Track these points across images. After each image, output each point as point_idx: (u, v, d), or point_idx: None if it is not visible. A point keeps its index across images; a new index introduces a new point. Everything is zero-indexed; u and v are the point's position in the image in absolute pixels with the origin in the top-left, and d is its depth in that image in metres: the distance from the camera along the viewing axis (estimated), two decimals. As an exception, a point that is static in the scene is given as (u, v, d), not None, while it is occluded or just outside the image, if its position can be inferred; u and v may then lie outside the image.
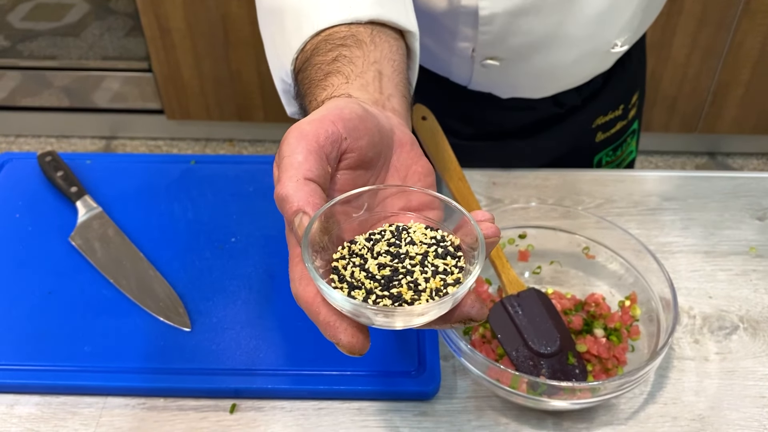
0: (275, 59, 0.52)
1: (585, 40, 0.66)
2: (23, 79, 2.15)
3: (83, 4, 2.06)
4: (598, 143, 0.83)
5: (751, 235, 0.70)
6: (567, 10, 0.63)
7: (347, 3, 0.47)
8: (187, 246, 0.67)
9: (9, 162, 0.77)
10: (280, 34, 0.50)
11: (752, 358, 0.59)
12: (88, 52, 2.09)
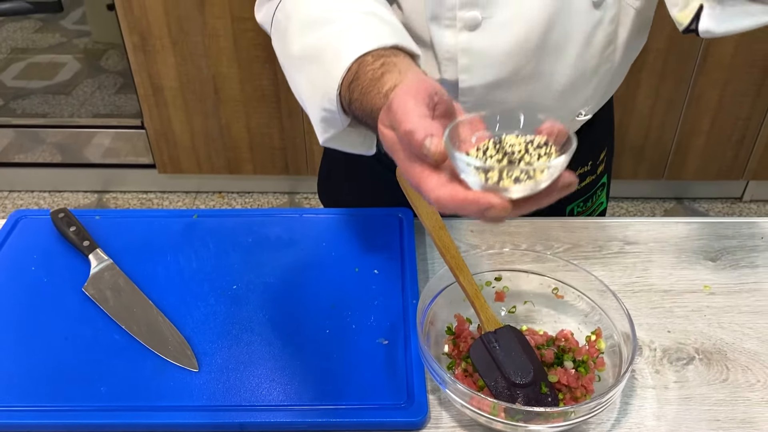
0: (314, 92, 0.61)
1: (552, 110, 0.74)
2: (16, 136, 2.22)
3: (74, 63, 2.14)
4: (569, 194, 0.91)
5: (704, 275, 0.78)
6: (535, 84, 0.71)
7: (374, 34, 0.58)
8: (192, 293, 0.73)
9: (23, 219, 0.83)
10: (320, 69, 0.60)
11: (707, 386, 0.66)
12: (79, 109, 2.17)
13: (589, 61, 0.73)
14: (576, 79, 0.72)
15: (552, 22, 0.67)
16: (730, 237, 0.83)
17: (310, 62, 0.62)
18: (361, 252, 0.78)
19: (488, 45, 0.68)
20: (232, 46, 1.86)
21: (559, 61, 0.70)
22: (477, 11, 0.66)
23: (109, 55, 2.09)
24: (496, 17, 0.67)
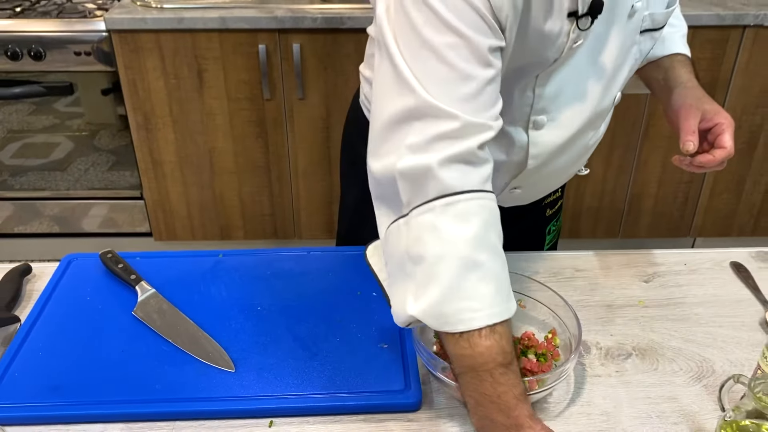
0: (434, 300, 0.69)
1: (566, 173, 1.00)
2: (15, 209, 2.35)
3: (68, 143, 2.30)
4: (546, 217, 1.14)
5: (639, 293, 0.96)
6: (571, 156, 0.94)
7: (507, 301, 0.71)
8: (223, 314, 0.88)
9: (74, 261, 0.99)
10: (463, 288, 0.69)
11: (642, 374, 0.83)
12: (75, 184, 2.32)
13: (595, 138, 0.97)
14: (586, 149, 0.97)
15: (589, 121, 0.90)
16: (660, 264, 1.02)
17: (459, 272, 0.69)
18: (361, 279, 0.94)
19: (549, 138, 0.90)
20: (228, 123, 2.06)
21: (582, 142, 0.94)
22: (544, 116, 0.88)
23: (101, 135, 2.26)
24: (556, 120, 0.88)
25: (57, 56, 1.98)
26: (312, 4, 2.00)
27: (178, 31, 1.91)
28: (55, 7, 2.08)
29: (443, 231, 0.69)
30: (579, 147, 0.95)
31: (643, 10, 0.84)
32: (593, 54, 0.84)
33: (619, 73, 0.89)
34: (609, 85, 0.88)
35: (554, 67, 0.82)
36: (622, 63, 0.88)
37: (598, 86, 0.87)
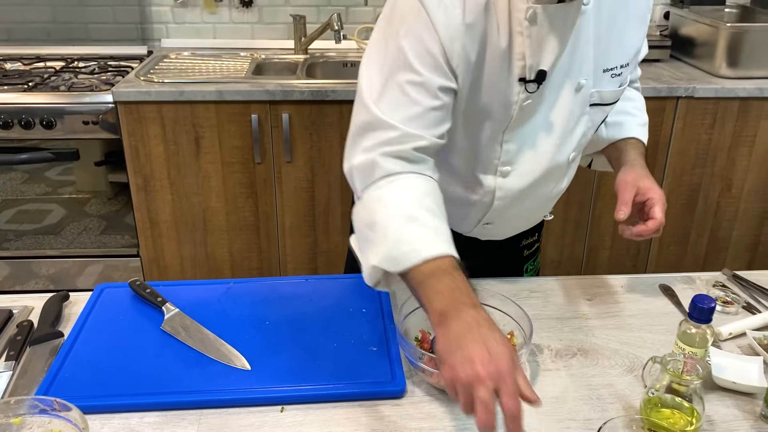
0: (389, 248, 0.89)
1: (533, 216, 1.21)
2: (11, 269, 2.48)
3: (60, 210, 2.47)
4: (524, 257, 1.35)
5: (584, 309, 1.15)
6: (534, 201, 1.16)
7: (440, 242, 0.89)
8: (237, 327, 1.05)
9: (105, 289, 1.15)
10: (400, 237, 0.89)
11: (584, 368, 1.01)
12: (69, 246, 2.46)
13: (557, 189, 1.18)
14: (550, 198, 1.19)
15: (547, 172, 1.11)
16: (601, 287, 1.22)
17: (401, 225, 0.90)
18: (353, 299, 1.12)
19: (512, 184, 1.11)
20: (221, 185, 2.26)
21: (543, 191, 1.15)
22: (509, 167, 1.09)
23: (93, 203, 2.43)
24: (518, 170, 1.10)
25: (66, 125, 2.17)
26: (299, 80, 2.25)
27: (179, 103, 2.13)
28: (64, 82, 2.29)
29: (387, 200, 0.93)
30: (541, 195, 1.17)
31: (589, 87, 1.06)
32: (546, 118, 1.06)
33: (571, 136, 1.10)
34: (562, 144, 1.10)
35: (514, 125, 1.04)
36: (574, 128, 1.09)
37: (552, 145, 1.09)
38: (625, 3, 1.04)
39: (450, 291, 0.84)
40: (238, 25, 2.67)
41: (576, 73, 1.03)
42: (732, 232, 2.47)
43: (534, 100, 1.02)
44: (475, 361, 0.76)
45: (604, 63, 1.05)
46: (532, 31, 0.94)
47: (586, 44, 1.02)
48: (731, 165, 2.36)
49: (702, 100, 2.25)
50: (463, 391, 0.76)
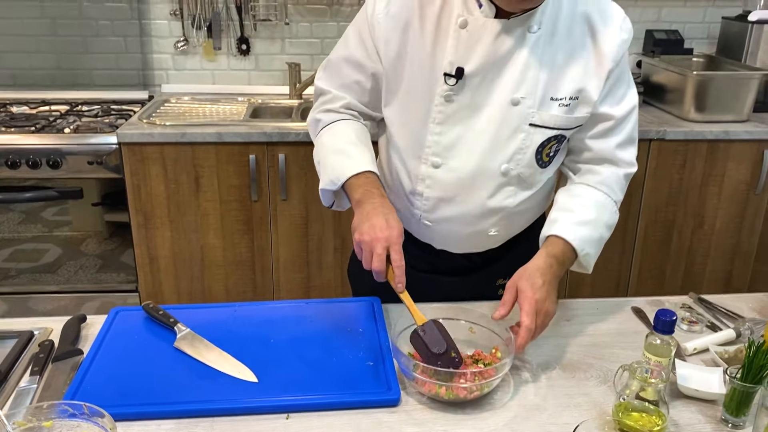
0: (331, 172, 1.21)
1: (471, 225, 1.26)
2: (8, 306, 2.53)
3: (56, 249, 2.55)
4: (500, 296, 1.39)
5: (563, 329, 1.25)
6: (464, 206, 1.23)
7: (365, 160, 1.19)
8: (244, 345, 1.14)
9: (120, 312, 1.24)
10: (338, 162, 1.22)
11: (563, 380, 1.10)
12: (65, 284, 2.53)
13: (494, 202, 1.24)
14: (486, 209, 1.24)
15: (474, 176, 1.21)
16: (578, 309, 1.33)
17: (334, 157, 1.24)
18: (350, 320, 1.22)
19: (443, 176, 1.22)
20: (219, 222, 2.36)
21: (476, 197, 1.23)
22: (440, 159, 1.21)
23: (89, 242, 2.52)
24: (448, 164, 1.21)
25: (71, 165, 2.27)
26: (294, 122, 2.38)
27: (180, 144, 2.25)
28: (68, 124, 2.40)
29: (325, 142, 1.27)
30: (474, 201, 1.23)
31: (529, 106, 1.16)
32: (477, 121, 1.18)
33: (505, 146, 1.19)
34: (492, 150, 1.19)
35: (442, 118, 1.19)
36: (507, 139, 1.18)
37: (481, 148, 1.19)
38: (582, 43, 1.16)
39: (365, 186, 1.17)
40: (235, 71, 2.81)
41: (514, 86, 1.15)
42: (706, 267, 2.60)
43: (460, 97, 1.17)
44: (375, 228, 1.09)
45: (554, 92, 1.16)
46: (460, 34, 1.14)
47: (530, 66, 1.14)
48: (702, 203, 2.50)
49: (673, 142, 2.41)
50: (366, 248, 1.09)
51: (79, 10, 2.70)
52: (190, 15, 2.71)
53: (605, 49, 1.17)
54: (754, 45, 2.65)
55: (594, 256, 1.23)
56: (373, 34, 1.20)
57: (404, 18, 1.17)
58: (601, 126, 1.22)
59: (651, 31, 2.86)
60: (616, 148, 1.24)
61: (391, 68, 1.21)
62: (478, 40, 1.13)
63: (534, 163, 1.22)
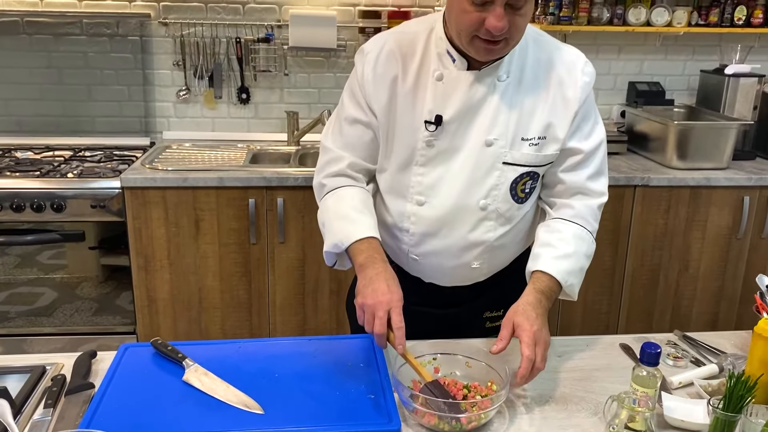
0: (336, 236, 1.30)
1: (455, 258, 1.34)
2: (3, 348, 2.54)
3: (51, 293, 2.58)
4: (487, 329, 1.47)
5: (555, 364, 1.31)
6: (448, 240, 1.32)
7: (368, 227, 1.27)
8: (250, 379, 1.18)
9: (129, 348, 1.28)
10: (343, 228, 1.29)
11: (556, 412, 1.16)
12: (62, 325, 2.55)
13: (475, 236, 1.33)
14: (468, 242, 1.33)
15: (454, 212, 1.31)
16: (569, 345, 1.38)
17: (339, 222, 1.32)
18: (352, 355, 1.27)
19: (426, 213, 1.32)
20: (218, 264, 2.41)
21: (458, 232, 1.32)
22: (423, 197, 1.31)
23: (84, 286, 2.55)
24: (431, 202, 1.31)
25: (74, 208, 2.33)
26: (293, 168, 2.46)
27: (182, 188, 2.32)
28: (72, 169, 2.47)
29: (330, 207, 1.35)
30: (457, 235, 1.32)
31: (501, 146, 1.28)
32: (455, 162, 1.30)
33: (482, 183, 1.30)
34: (470, 187, 1.30)
35: (424, 161, 1.30)
36: (484, 176, 1.29)
37: (460, 185, 1.30)
38: (547, 88, 1.28)
39: (368, 252, 1.25)
40: (235, 119, 2.91)
41: (487, 129, 1.27)
42: (692, 309, 2.66)
43: (440, 142, 1.28)
44: (378, 292, 1.17)
45: (524, 132, 1.28)
46: (437, 86, 1.27)
47: (501, 110, 1.26)
48: (687, 247, 2.59)
49: (657, 188, 2.51)
50: (368, 311, 1.16)
51: (85, 60, 2.80)
52: (192, 65, 2.82)
53: (570, 93, 1.28)
54: (731, 96, 2.79)
55: (578, 285, 1.33)
56: (364, 92, 1.31)
57: (390, 75, 1.30)
58: (572, 160, 1.32)
59: (634, 83, 3.00)
60: (587, 180, 1.33)
61: (384, 120, 1.31)
62: (453, 91, 1.26)
63: (509, 198, 1.32)
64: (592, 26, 2.80)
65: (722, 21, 2.85)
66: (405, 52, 1.29)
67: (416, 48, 1.29)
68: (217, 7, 2.78)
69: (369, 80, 1.30)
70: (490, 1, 1.13)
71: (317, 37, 2.73)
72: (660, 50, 3.03)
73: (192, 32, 2.78)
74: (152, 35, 2.79)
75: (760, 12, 2.82)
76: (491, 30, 1.14)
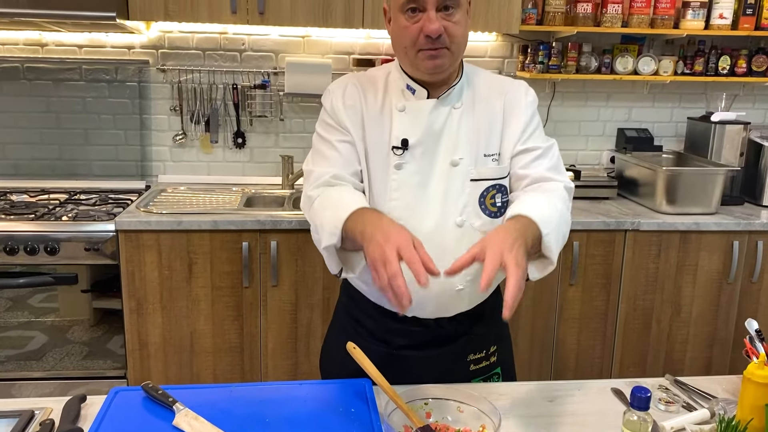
0: (329, 224, 1.24)
1: (438, 283, 1.29)
2: (-6, 393, 2.51)
3: (42, 336, 2.56)
4: (471, 371, 1.47)
5: (546, 408, 1.31)
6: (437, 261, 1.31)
7: (357, 202, 1.25)
8: (240, 424, 1.18)
9: (119, 392, 1.28)
10: (333, 213, 1.25)
11: (548, 457, 1.15)
12: (51, 369, 2.53)
13: (457, 255, 1.21)
14: (448, 265, 1.28)
15: (433, 232, 1.34)
16: (560, 390, 1.38)
17: (326, 208, 1.29)
18: (343, 401, 1.27)
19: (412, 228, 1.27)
20: (210, 308, 2.40)
21: (440, 252, 1.29)
22: (402, 222, 1.27)
23: (75, 330, 2.54)
24: (409, 224, 1.26)
25: (68, 251, 2.34)
26: (286, 211, 2.48)
27: (176, 231, 2.33)
28: (67, 212, 2.48)
29: (317, 207, 1.32)
30: (441, 256, 1.25)
31: (467, 164, 1.37)
32: (426, 185, 1.37)
33: (455, 202, 1.36)
34: (444, 207, 1.36)
35: (397, 185, 1.35)
36: (456, 197, 1.36)
37: (434, 207, 1.36)
38: (499, 108, 1.41)
39: (368, 214, 1.21)
40: (231, 163, 2.94)
41: (451, 151, 1.37)
42: (686, 354, 2.66)
43: (409, 165, 1.36)
44: (390, 232, 1.12)
45: (485, 149, 1.39)
46: (402, 116, 1.38)
47: (461, 132, 1.37)
48: (678, 291, 2.60)
49: (647, 232, 2.53)
50: (385, 259, 1.07)
51: (83, 104, 2.85)
52: (189, 110, 2.87)
53: (518, 110, 1.41)
54: (717, 143, 2.85)
55: (554, 242, 1.24)
56: (337, 119, 1.40)
57: (358, 107, 1.41)
58: (530, 155, 1.41)
59: (622, 129, 3.06)
60: (548, 171, 1.40)
61: (360, 144, 1.40)
62: (415, 118, 1.38)
63: (481, 213, 1.39)
64: (581, 74, 2.88)
65: (707, 70, 2.93)
66: (366, 90, 1.42)
67: (377, 86, 1.42)
68: (215, 54, 2.84)
69: (340, 109, 1.40)
70: (422, 9, 1.28)
71: (312, 84, 2.79)
72: (647, 98, 3.11)
73: (190, 78, 2.84)
74: (150, 81, 2.85)
75: (743, 62, 2.90)
76: (429, 33, 1.27)
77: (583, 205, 2.68)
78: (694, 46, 2.95)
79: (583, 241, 2.51)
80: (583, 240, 2.51)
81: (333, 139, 1.40)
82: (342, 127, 1.40)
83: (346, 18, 2.50)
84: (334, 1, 2.48)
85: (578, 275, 2.54)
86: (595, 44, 2.91)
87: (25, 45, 2.80)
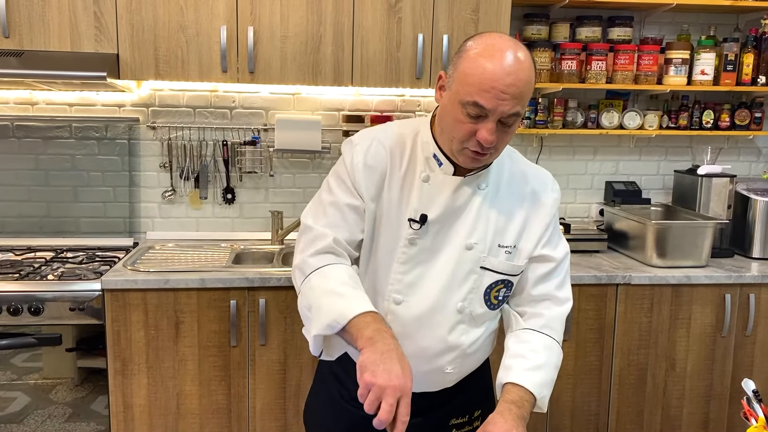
0: (327, 316, 1.16)
1: (429, 363, 1.32)
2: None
3: (24, 397, 2.49)
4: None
5: None
6: (423, 342, 1.30)
7: (366, 302, 1.18)
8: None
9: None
10: (335, 305, 1.18)
11: None
12: (31, 435, 2.45)
13: (452, 339, 1.32)
14: (444, 346, 1.32)
15: (431, 312, 1.30)
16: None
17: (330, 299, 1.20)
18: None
19: (403, 313, 1.31)
20: (197, 368, 2.35)
21: (435, 333, 1.31)
22: (401, 296, 1.30)
23: (59, 390, 2.47)
24: (408, 301, 1.31)
25: (53, 311, 2.29)
26: (275, 267, 2.46)
27: (163, 290, 2.30)
28: (52, 271, 2.45)
29: (316, 286, 1.24)
30: (433, 337, 1.32)
31: (481, 251, 1.32)
32: (435, 263, 1.31)
33: (460, 286, 1.32)
34: (449, 289, 1.32)
35: (405, 258, 1.30)
36: (463, 280, 1.32)
37: (439, 287, 1.32)
38: (522, 199, 1.35)
39: (375, 325, 1.14)
40: (220, 219, 2.93)
41: (467, 233, 1.31)
42: (683, 410, 2.61)
43: (423, 241, 1.30)
44: (391, 374, 1.05)
45: (501, 240, 1.33)
46: (424, 187, 1.31)
47: (481, 216, 1.32)
48: (672, 345, 2.57)
49: (639, 286, 2.52)
50: (375, 392, 1.04)
51: (72, 162, 2.85)
52: (179, 167, 2.87)
53: (542, 206, 1.36)
54: (705, 196, 2.87)
55: (548, 396, 1.32)
56: (354, 178, 1.32)
57: (379, 168, 1.33)
58: (544, 268, 1.36)
59: (610, 182, 3.08)
60: (556, 289, 1.38)
61: (371, 211, 1.33)
62: (438, 193, 1.31)
63: (483, 303, 1.35)
64: (568, 129, 2.91)
65: (692, 124, 2.97)
66: (393, 151, 1.33)
67: (405, 148, 1.34)
68: (205, 111, 2.86)
69: (359, 169, 1.32)
70: (483, 116, 1.19)
71: (302, 140, 2.80)
72: (634, 151, 3.14)
73: (180, 135, 2.85)
74: (140, 138, 2.85)
75: (726, 116, 2.95)
76: (482, 142, 1.20)
77: (575, 259, 2.67)
78: (677, 101, 3.01)
79: (575, 296, 2.48)
80: (575, 294, 2.47)
81: (342, 201, 1.32)
82: (355, 188, 1.32)
83: (335, 77, 2.53)
84: (323, 60, 2.52)
85: (571, 330, 2.51)
86: (580, 100, 2.96)
87: (16, 104, 2.81)
